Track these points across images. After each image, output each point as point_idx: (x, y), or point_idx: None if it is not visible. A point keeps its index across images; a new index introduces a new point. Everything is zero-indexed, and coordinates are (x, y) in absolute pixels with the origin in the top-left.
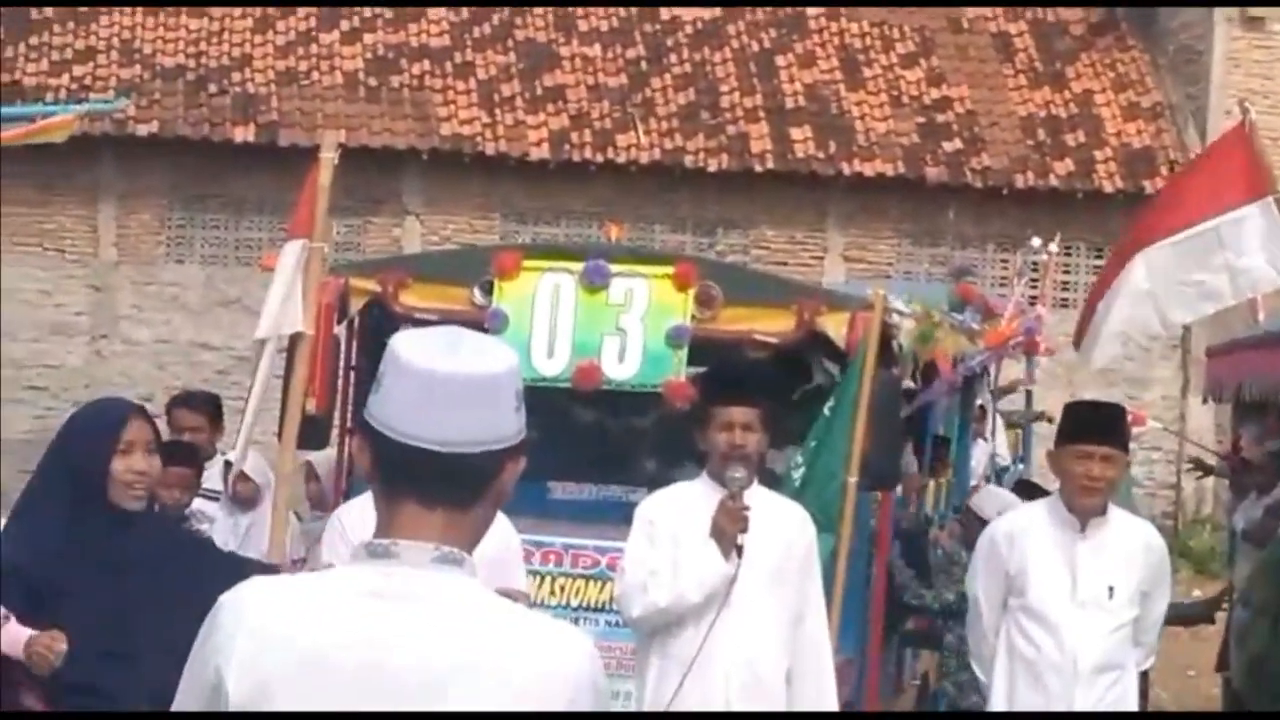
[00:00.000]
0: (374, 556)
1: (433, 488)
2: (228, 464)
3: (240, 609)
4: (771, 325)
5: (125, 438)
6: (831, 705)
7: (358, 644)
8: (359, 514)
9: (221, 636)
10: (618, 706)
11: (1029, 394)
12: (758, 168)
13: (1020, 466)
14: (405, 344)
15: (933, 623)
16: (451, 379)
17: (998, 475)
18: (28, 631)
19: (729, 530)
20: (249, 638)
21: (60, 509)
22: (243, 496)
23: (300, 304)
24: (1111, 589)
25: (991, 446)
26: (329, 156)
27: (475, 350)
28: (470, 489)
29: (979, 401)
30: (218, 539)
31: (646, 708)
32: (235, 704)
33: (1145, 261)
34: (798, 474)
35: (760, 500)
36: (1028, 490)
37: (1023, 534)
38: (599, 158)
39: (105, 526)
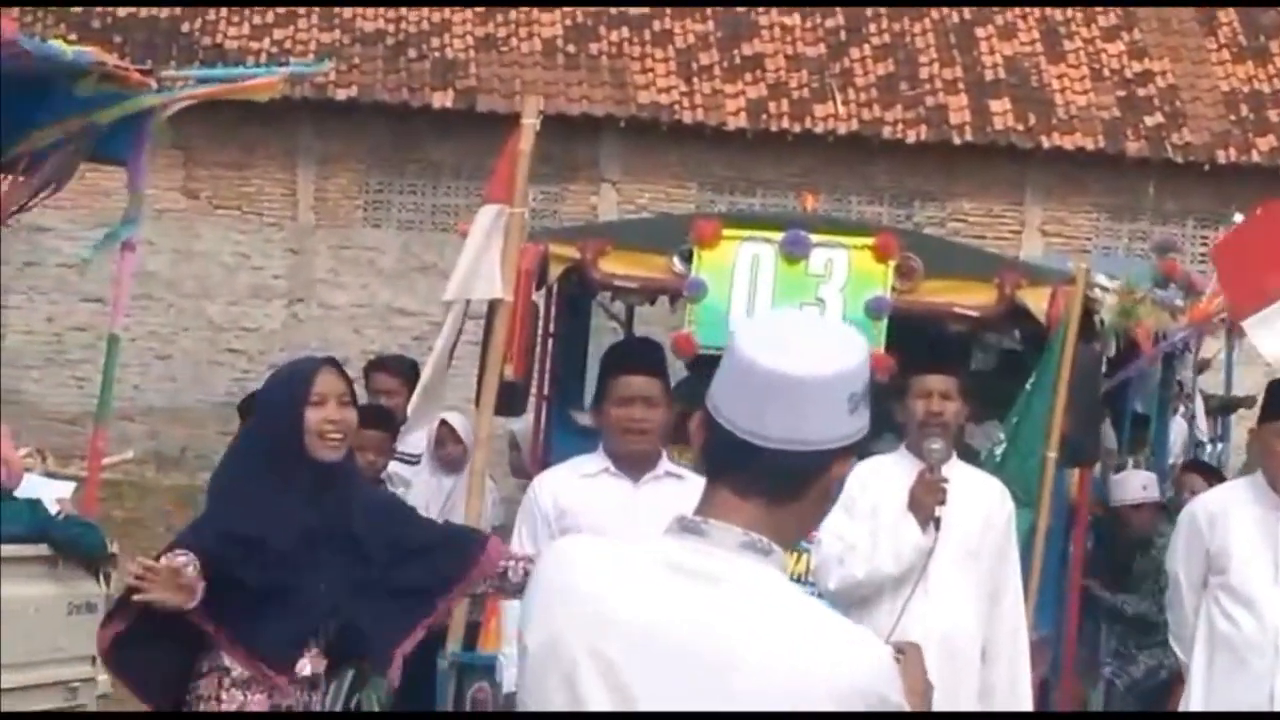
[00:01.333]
0: (685, 531)
1: (748, 478)
2: (444, 424)
3: (540, 566)
4: (972, 298)
5: (316, 390)
6: (1026, 684)
7: (650, 610)
8: (556, 483)
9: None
10: None
11: (1228, 375)
12: (956, 140)
13: (1219, 446)
14: (746, 332)
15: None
16: (779, 378)
17: (1197, 454)
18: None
19: (927, 503)
20: (544, 591)
21: (259, 464)
22: (450, 457)
23: (498, 269)
24: None
25: (1189, 426)
26: (530, 122)
27: (810, 348)
28: (790, 486)
29: (1179, 379)
30: (419, 501)
31: None
32: (531, 654)
33: None
34: (999, 450)
35: (959, 474)
36: (1199, 471)
37: (1224, 513)
38: (796, 128)
39: (308, 480)
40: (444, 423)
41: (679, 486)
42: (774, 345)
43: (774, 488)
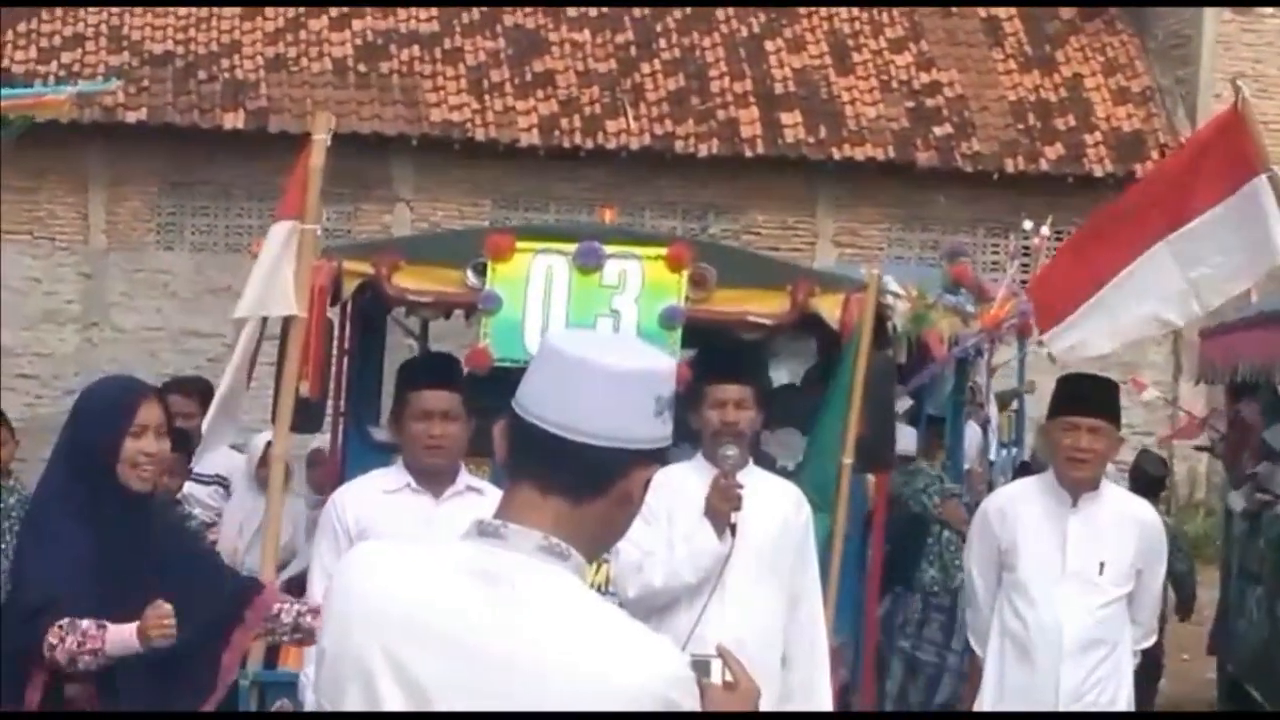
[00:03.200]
0: (483, 535)
1: (551, 473)
2: (268, 444)
3: (338, 570)
4: (766, 307)
5: (139, 420)
6: (826, 689)
7: (443, 613)
8: (357, 498)
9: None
10: None
11: (1021, 378)
12: (748, 153)
13: (1015, 450)
14: (562, 333)
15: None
16: (590, 367)
17: (1004, 462)
18: (129, 626)
19: (722, 509)
20: (341, 595)
21: (67, 491)
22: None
23: (291, 285)
24: (1102, 564)
25: (983, 430)
26: (321, 138)
27: (622, 347)
28: (589, 482)
29: (972, 384)
30: (234, 521)
31: None
32: (328, 656)
33: (1172, 252)
34: (799, 458)
35: (754, 480)
36: (1028, 474)
37: (1013, 508)
38: (589, 143)
39: (119, 508)
40: (268, 443)
41: (479, 501)
42: (588, 342)
43: (576, 483)
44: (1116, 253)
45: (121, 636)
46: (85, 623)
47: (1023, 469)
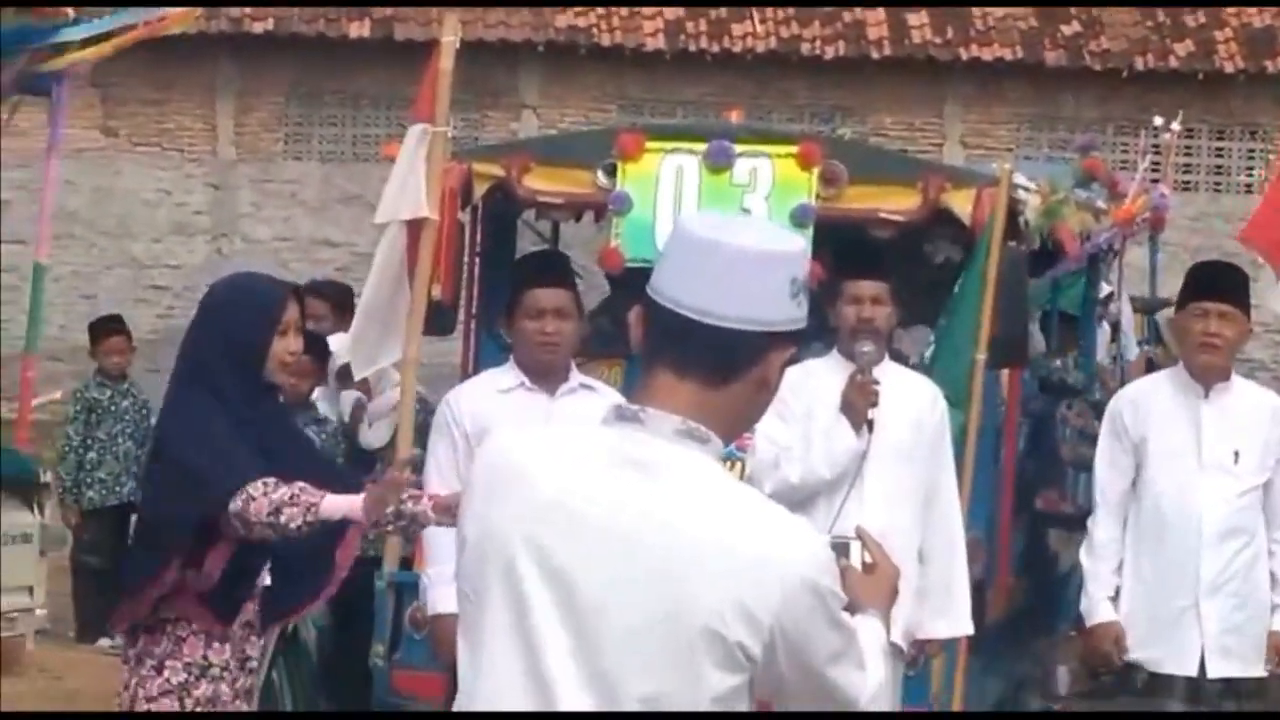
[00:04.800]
0: (621, 420)
1: (687, 357)
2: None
3: (479, 457)
4: (897, 203)
5: (285, 318)
6: (964, 583)
7: (586, 497)
8: (472, 398)
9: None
10: None
11: (1153, 278)
12: (874, 54)
13: (1147, 347)
14: (693, 217)
15: (1062, 500)
16: (725, 250)
17: (1125, 360)
18: (350, 496)
19: (859, 405)
20: (481, 482)
21: (218, 391)
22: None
23: (423, 189)
24: (1237, 453)
25: (1112, 329)
26: (450, 40)
27: (760, 229)
28: (725, 365)
29: (1105, 280)
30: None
31: None
32: (470, 544)
33: None
34: (928, 353)
35: (890, 375)
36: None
37: (1146, 401)
38: (715, 47)
39: (269, 404)
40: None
41: (593, 398)
42: (722, 225)
43: (713, 367)
44: None
45: (341, 504)
46: (296, 484)
47: (1148, 366)
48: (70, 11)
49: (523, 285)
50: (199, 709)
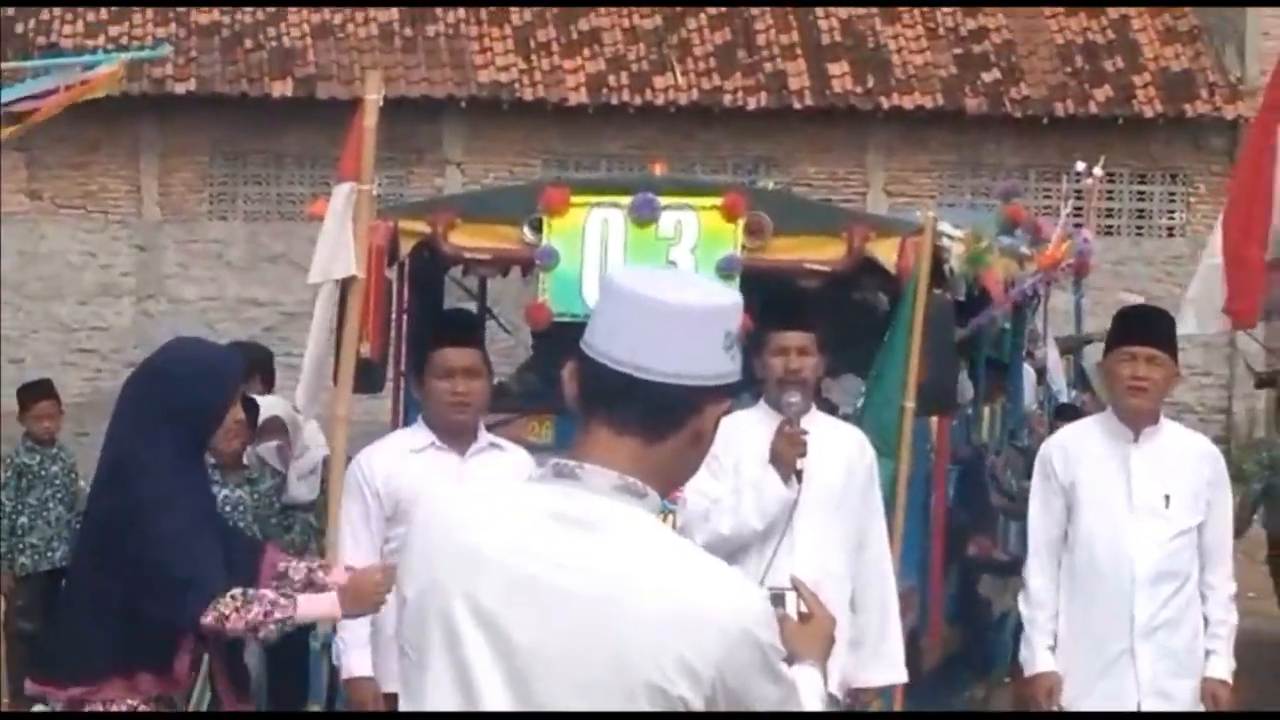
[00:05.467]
0: (559, 476)
1: (624, 413)
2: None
3: (417, 516)
4: (822, 253)
5: (239, 385)
6: (897, 632)
7: (525, 554)
8: (384, 459)
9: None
10: None
11: (1078, 320)
12: (796, 105)
13: (1074, 393)
14: (626, 271)
15: (993, 547)
16: (660, 305)
17: (1053, 405)
18: (326, 595)
19: (788, 455)
20: (420, 541)
21: (182, 453)
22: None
23: (351, 247)
24: (1168, 497)
25: (1038, 374)
26: (373, 99)
27: (693, 284)
28: (663, 420)
29: (1030, 327)
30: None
31: None
32: (410, 604)
33: None
34: (859, 403)
35: (818, 425)
36: (1069, 416)
37: (1075, 446)
38: (637, 100)
39: (203, 473)
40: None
41: (503, 457)
42: (655, 280)
43: (649, 423)
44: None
45: (318, 606)
46: (267, 593)
47: (1062, 412)
48: None
49: (432, 344)
50: None
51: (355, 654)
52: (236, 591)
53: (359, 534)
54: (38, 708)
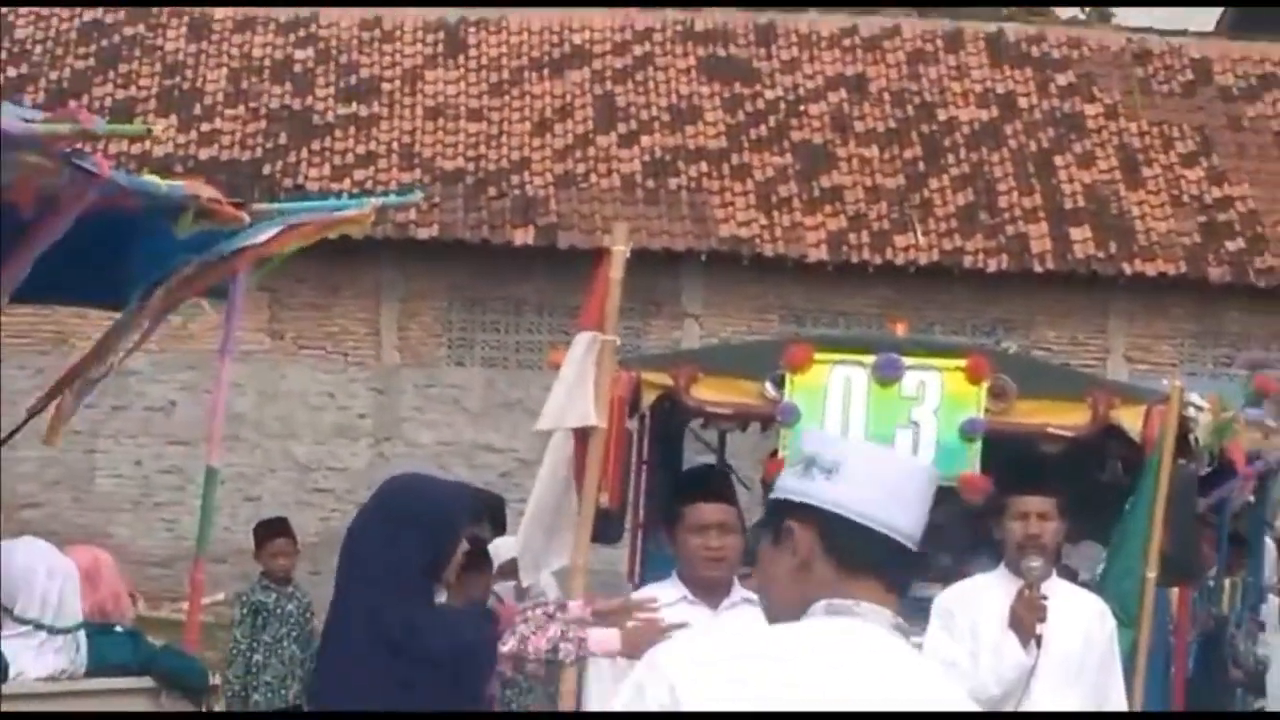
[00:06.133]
0: (833, 614)
1: (897, 575)
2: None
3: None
4: (1065, 419)
5: (468, 521)
6: None
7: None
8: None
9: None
10: None
11: None
12: (1037, 268)
13: None
14: (873, 443)
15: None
16: (917, 472)
17: None
18: (612, 630)
19: (1027, 621)
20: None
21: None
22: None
23: (591, 396)
24: None
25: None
26: (620, 250)
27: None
28: (906, 581)
29: (1274, 499)
30: None
31: None
32: None
33: None
34: (1099, 569)
35: (1058, 591)
36: None
37: None
38: (877, 259)
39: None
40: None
41: (755, 612)
42: (892, 449)
43: (903, 581)
44: None
45: (606, 641)
46: (553, 619)
47: None
48: (246, 217)
49: (686, 500)
50: None
51: None
52: (530, 614)
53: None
54: None
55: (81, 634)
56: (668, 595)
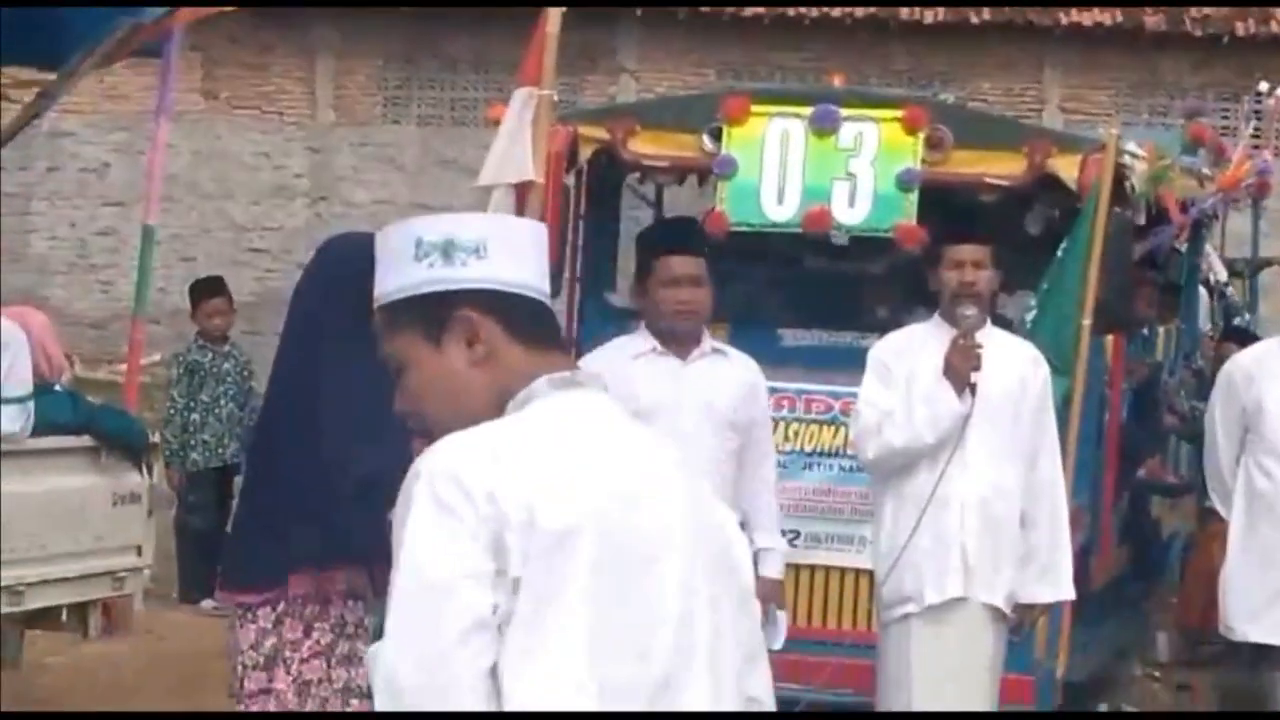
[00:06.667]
0: (562, 388)
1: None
2: None
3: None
4: (1002, 168)
5: None
6: (1067, 548)
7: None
8: (605, 365)
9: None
10: (852, 551)
11: (1255, 243)
12: (974, 19)
13: (1248, 316)
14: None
15: (1164, 469)
16: (538, 231)
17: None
18: None
19: (962, 368)
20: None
21: (360, 332)
22: None
23: (529, 151)
24: None
25: (1211, 295)
26: (557, 8)
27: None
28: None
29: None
30: None
31: (882, 550)
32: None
33: None
34: (1029, 316)
35: (993, 340)
36: (1237, 339)
37: (1259, 368)
38: (814, 12)
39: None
40: None
41: (724, 361)
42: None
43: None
44: None
45: None
46: None
47: (1234, 334)
48: None
49: (655, 252)
50: (338, 668)
51: None
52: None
53: None
54: (205, 603)
55: (31, 403)
56: (637, 346)
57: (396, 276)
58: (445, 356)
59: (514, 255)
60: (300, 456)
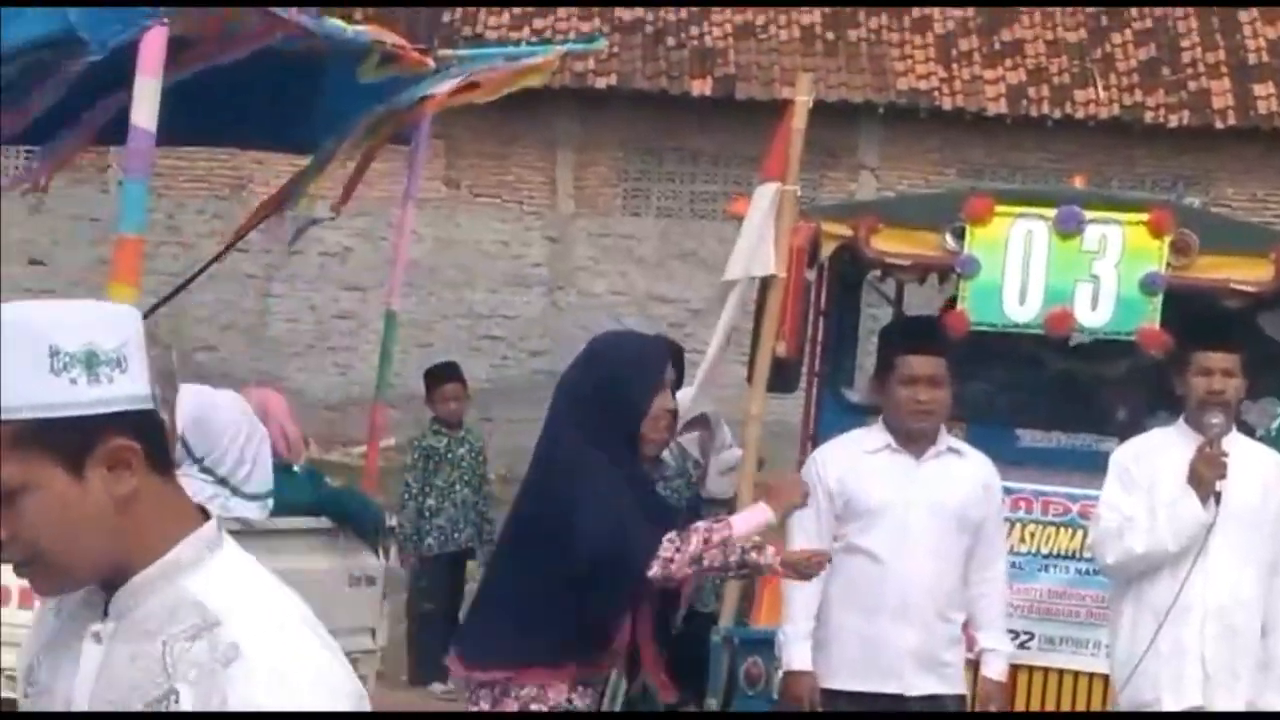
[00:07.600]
0: (215, 548)
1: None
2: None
3: None
4: (1248, 273)
5: (666, 376)
6: None
7: None
8: (839, 458)
9: None
10: (1087, 654)
11: None
12: (1219, 124)
13: None
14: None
15: None
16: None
17: None
18: (754, 506)
19: (1208, 477)
20: None
21: (610, 442)
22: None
23: (772, 247)
24: None
25: None
26: (804, 100)
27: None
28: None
29: None
30: None
31: (1120, 656)
32: None
33: None
34: (1276, 425)
35: (1237, 447)
36: None
37: None
38: (1056, 113)
39: (639, 464)
40: None
41: (959, 461)
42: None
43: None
44: None
45: (752, 518)
46: (699, 524)
47: None
48: (431, 63)
49: (898, 351)
50: None
51: (797, 647)
52: (670, 535)
53: (808, 528)
54: (435, 686)
55: (270, 500)
56: (873, 442)
57: (29, 391)
58: (87, 488)
59: (142, 360)
60: (555, 557)
